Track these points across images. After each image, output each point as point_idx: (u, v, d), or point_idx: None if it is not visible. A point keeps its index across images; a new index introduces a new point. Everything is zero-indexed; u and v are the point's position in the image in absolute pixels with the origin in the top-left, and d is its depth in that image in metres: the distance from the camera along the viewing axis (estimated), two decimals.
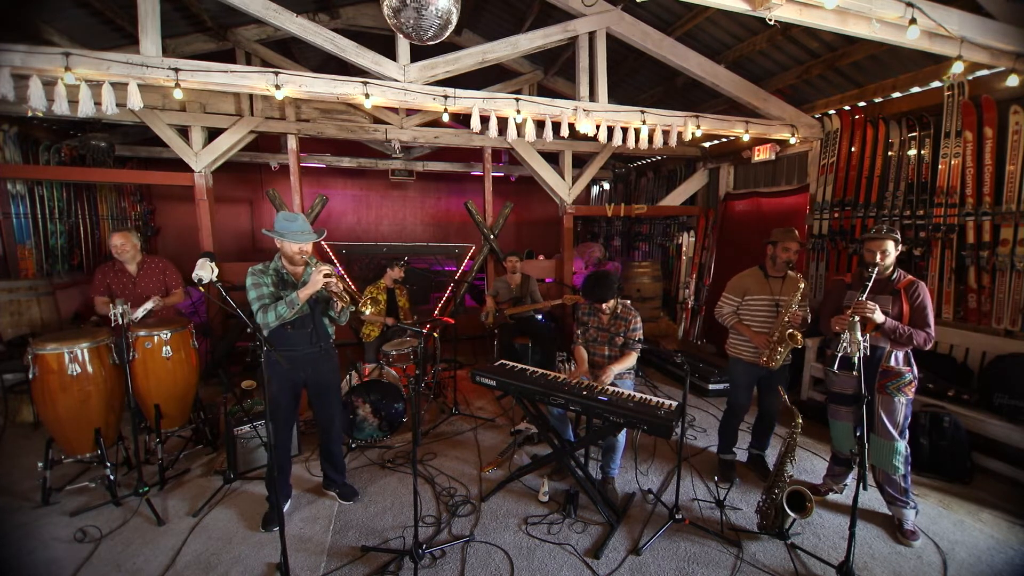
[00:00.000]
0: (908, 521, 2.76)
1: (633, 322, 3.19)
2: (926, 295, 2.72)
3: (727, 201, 6.55)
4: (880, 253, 2.71)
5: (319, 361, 2.83)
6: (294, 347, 2.73)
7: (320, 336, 2.81)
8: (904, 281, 2.76)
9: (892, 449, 2.74)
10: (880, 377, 2.76)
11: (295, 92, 3.55)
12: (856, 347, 2.38)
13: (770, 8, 2.78)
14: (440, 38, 2.80)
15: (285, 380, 2.74)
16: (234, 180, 8.26)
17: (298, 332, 2.73)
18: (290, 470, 3.02)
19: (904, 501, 2.76)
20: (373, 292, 4.81)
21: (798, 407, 2.83)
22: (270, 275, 2.69)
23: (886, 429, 2.74)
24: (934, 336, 2.68)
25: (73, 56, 3.06)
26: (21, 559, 2.48)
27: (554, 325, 5.88)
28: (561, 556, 2.55)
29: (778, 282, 3.17)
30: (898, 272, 2.81)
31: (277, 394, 2.75)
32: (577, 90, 4.30)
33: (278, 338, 2.70)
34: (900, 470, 2.74)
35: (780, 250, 3.13)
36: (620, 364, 3.12)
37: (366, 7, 5.42)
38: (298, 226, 2.65)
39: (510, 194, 8.47)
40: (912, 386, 2.75)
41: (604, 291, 3.11)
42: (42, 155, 5.39)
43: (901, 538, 2.71)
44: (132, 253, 3.68)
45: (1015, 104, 3.50)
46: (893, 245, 2.74)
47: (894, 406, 2.73)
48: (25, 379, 3.20)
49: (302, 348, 2.75)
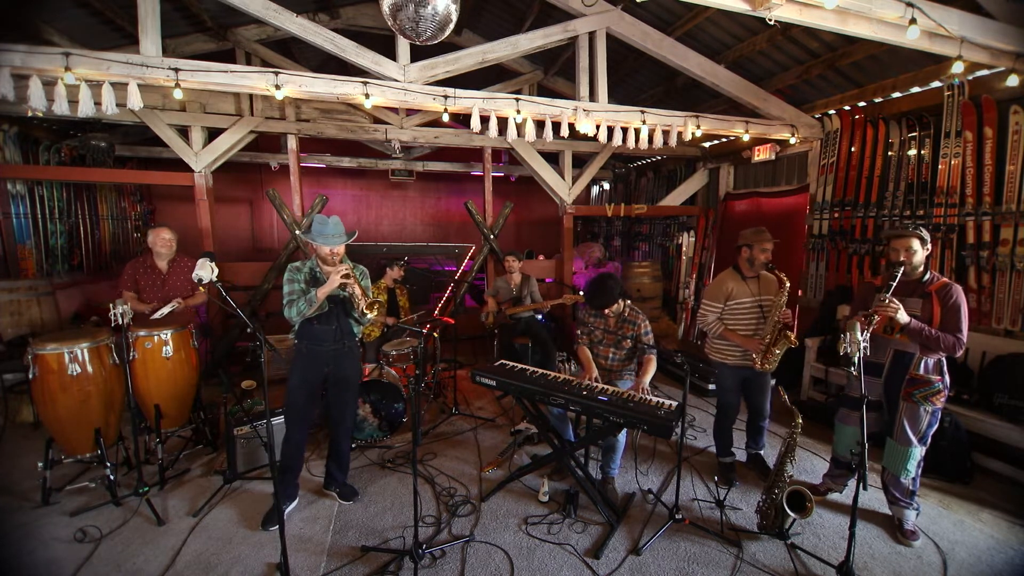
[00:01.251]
0: (908, 521, 2.74)
1: (642, 325, 3.19)
2: (960, 298, 2.56)
3: (727, 201, 6.55)
4: (905, 251, 2.61)
5: (341, 357, 2.91)
6: (319, 342, 2.83)
7: (344, 333, 2.90)
8: (938, 283, 2.62)
9: (907, 455, 2.67)
10: (907, 384, 2.66)
11: (295, 92, 3.55)
12: (856, 347, 2.37)
13: (770, 8, 2.78)
14: (439, 38, 2.80)
15: (305, 375, 2.84)
16: (234, 180, 8.27)
17: (323, 327, 2.82)
18: (300, 469, 2.99)
19: (907, 503, 2.74)
20: (374, 292, 4.81)
21: (798, 407, 2.83)
22: (304, 272, 2.80)
23: (905, 436, 2.66)
24: (965, 342, 2.54)
25: (73, 56, 3.06)
26: (21, 559, 2.48)
27: (554, 325, 5.87)
28: (561, 556, 2.55)
29: (755, 282, 3.17)
30: (931, 274, 2.67)
31: (296, 389, 2.83)
32: (577, 90, 4.30)
33: (305, 332, 2.81)
34: (911, 474, 2.70)
35: (758, 251, 3.09)
36: (647, 374, 3.09)
37: (366, 7, 5.42)
38: (330, 229, 2.76)
39: (510, 194, 8.47)
40: (941, 396, 2.63)
41: (606, 298, 3.11)
42: (42, 155, 5.39)
43: (901, 538, 2.70)
44: (174, 249, 3.75)
45: (1015, 104, 3.50)
46: (919, 243, 2.62)
47: (918, 414, 2.64)
48: (25, 379, 3.20)
49: (326, 344, 2.84)
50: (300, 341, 2.84)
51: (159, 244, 3.67)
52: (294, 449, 2.88)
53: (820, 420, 4.08)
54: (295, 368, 2.86)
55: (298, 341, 2.84)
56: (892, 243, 2.68)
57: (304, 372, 2.85)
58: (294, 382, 2.85)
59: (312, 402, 2.93)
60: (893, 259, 2.66)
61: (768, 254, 3.10)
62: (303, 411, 2.88)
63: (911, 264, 2.63)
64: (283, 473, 2.85)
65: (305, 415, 2.91)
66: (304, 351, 2.84)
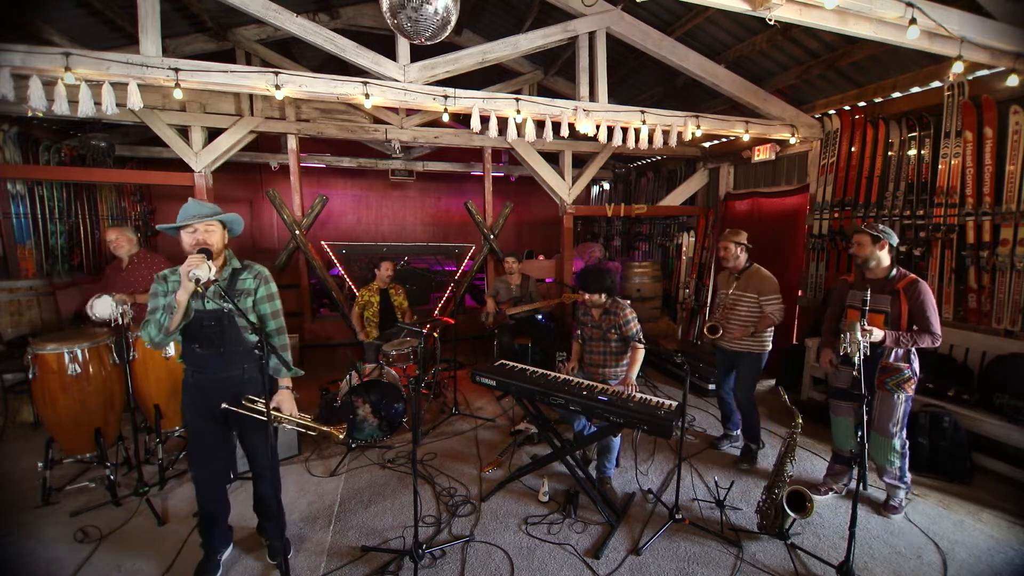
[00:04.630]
0: (896, 498, 2.90)
1: (623, 316, 3.22)
2: (926, 295, 2.71)
3: (727, 201, 6.54)
4: (856, 245, 2.84)
5: (238, 387, 2.25)
6: (207, 370, 2.22)
7: (235, 356, 2.22)
8: (904, 281, 2.78)
9: (889, 447, 2.82)
10: (879, 373, 2.79)
11: (295, 92, 3.55)
12: (856, 347, 2.39)
13: (770, 8, 2.78)
14: (439, 38, 2.80)
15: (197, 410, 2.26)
16: (234, 180, 8.26)
17: (207, 352, 2.19)
18: (226, 516, 2.46)
19: (897, 485, 2.89)
20: (365, 295, 4.79)
21: (798, 407, 2.84)
22: (173, 281, 2.14)
23: (884, 426, 2.82)
24: (940, 336, 2.69)
25: (73, 56, 3.06)
26: (21, 559, 2.49)
27: (554, 325, 5.88)
28: (561, 556, 2.55)
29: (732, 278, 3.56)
30: (897, 271, 2.83)
31: (191, 427, 2.29)
32: (577, 90, 4.30)
33: (189, 356, 2.24)
34: (896, 464, 2.85)
35: (720, 250, 3.52)
36: (633, 368, 3.19)
37: (366, 7, 5.42)
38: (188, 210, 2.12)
39: (510, 194, 8.47)
40: (911, 383, 2.77)
41: (596, 283, 3.19)
42: (42, 155, 5.39)
43: (883, 511, 2.87)
44: (127, 248, 3.77)
45: (1015, 104, 3.50)
46: (870, 240, 2.79)
47: (892, 403, 2.78)
48: (25, 379, 3.21)
49: (216, 371, 2.22)
50: (187, 367, 2.25)
51: (110, 245, 3.76)
52: (207, 501, 2.32)
53: (820, 420, 4.07)
54: (185, 401, 2.28)
55: (185, 367, 2.26)
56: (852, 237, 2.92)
57: (195, 407, 2.25)
58: (188, 418, 2.29)
59: (218, 440, 2.33)
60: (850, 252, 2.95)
61: (726, 252, 3.49)
62: (209, 453, 2.29)
63: (862, 256, 2.84)
64: (205, 519, 2.36)
65: (212, 458, 2.31)
66: (191, 380, 2.24)
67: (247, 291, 2.27)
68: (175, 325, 2.08)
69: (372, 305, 4.77)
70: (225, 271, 2.24)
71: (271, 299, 2.34)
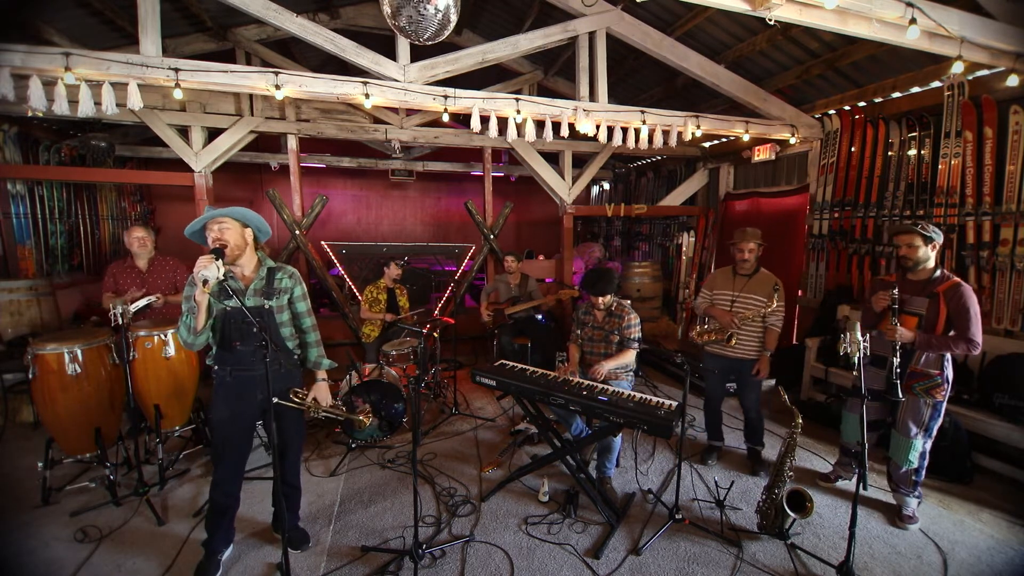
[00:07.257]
0: (908, 508, 2.83)
1: (627, 319, 3.21)
2: (969, 298, 2.56)
3: (727, 201, 6.55)
4: (906, 247, 2.70)
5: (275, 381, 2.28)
6: (245, 366, 2.31)
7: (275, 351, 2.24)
8: (946, 284, 2.64)
9: (908, 445, 2.77)
10: (908, 378, 2.73)
11: (295, 92, 3.55)
12: (856, 347, 2.38)
13: (770, 8, 2.78)
14: (439, 38, 2.81)
15: (233, 408, 2.34)
16: (234, 180, 8.26)
17: (246, 348, 2.28)
18: (234, 513, 2.50)
19: (908, 491, 2.82)
20: (373, 292, 4.81)
21: (798, 407, 2.84)
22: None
23: (906, 427, 2.77)
24: (979, 344, 2.54)
25: (73, 56, 3.06)
26: (21, 559, 2.48)
27: (554, 325, 5.87)
28: (561, 556, 2.55)
29: (743, 280, 3.37)
30: (941, 272, 2.70)
31: (224, 424, 2.35)
32: (577, 90, 4.30)
33: (228, 359, 2.32)
34: (913, 464, 2.78)
35: (736, 251, 3.35)
36: (614, 361, 3.16)
37: (366, 7, 5.42)
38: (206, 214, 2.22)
39: (510, 194, 8.47)
40: (941, 390, 2.69)
41: (604, 285, 3.17)
42: (42, 155, 5.39)
43: (898, 522, 2.80)
44: (150, 248, 3.77)
45: (1015, 104, 3.50)
46: (921, 240, 2.66)
47: (918, 406, 2.72)
48: (25, 379, 3.20)
49: (255, 367, 2.30)
50: (221, 368, 2.32)
51: (134, 244, 3.70)
52: (223, 497, 2.40)
53: (820, 420, 4.08)
54: (218, 400, 2.34)
55: (218, 368, 2.33)
56: (895, 239, 2.77)
57: (231, 404, 2.33)
58: (221, 417, 2.34)
59: (247, 439, 2.49)
60: (898, 255, 2.77)
61: (744, 254, 3.31)
62: (237, 450, 2.40)
63: (913, 259, 2.70)
64: (216, 516, 2.41)
65: (240, 455, 2.43)
66: (228, 379, 2.32)
67: (284, 289, 2.40)
68: (200, 324, 2.15)
69: (379, 302, 4.78)
70: (261, 271, 2.36)
71: (305, 297, 2.50)
